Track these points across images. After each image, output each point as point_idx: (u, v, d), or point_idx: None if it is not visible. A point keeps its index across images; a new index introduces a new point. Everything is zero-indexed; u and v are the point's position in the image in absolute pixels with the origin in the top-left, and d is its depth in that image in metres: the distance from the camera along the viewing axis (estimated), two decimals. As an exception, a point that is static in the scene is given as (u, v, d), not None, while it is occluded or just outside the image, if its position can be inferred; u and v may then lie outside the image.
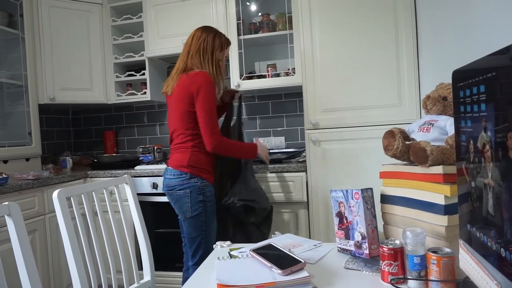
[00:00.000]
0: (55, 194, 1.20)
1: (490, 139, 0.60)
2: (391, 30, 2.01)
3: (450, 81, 0.79)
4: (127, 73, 2.82)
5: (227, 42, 1.81)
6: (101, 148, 3.14)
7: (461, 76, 0.72)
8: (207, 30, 1.76)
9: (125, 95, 2.80)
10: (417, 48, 1.99)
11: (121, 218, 1.47)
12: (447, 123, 1.01)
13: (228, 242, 1.25)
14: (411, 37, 1.98)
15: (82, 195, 1.36)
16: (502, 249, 0.58)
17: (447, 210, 0.88)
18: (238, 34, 2.47)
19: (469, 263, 0.72)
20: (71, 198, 1.29)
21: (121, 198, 1.49)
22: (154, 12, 2.62)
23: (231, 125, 1.98)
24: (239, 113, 2.01)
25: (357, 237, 1.03)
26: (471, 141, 0.67)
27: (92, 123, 3.22)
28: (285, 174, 2.10)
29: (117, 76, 2.79)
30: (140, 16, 2.68)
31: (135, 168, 2.45)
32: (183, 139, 1.71)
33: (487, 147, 0.61)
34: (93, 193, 1.40)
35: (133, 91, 2.80)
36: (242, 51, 2.47)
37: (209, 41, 1.73)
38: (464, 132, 0.71)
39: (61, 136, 3.16)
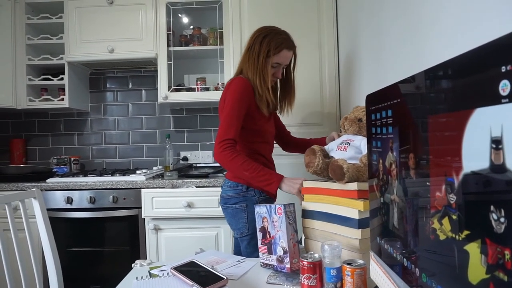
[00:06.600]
0: None
1: (395, 159, 0.66)
2: (315, 56, 2.17)
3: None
4: (43, 76, 2.58)
5: (278, 48, 1.49)
6: (7, 158, 2.80)
7: (373, 100, 0.79)
8: (260, 30, 1.54)
9: (39, 101, 2.55)
10: (338, 73, 2.15)
11: (26, 237, 1.31)
12: (362, 143, 1.10)
13: (149, 261, 1.19)
14: (333, 64, 2.15)
15: (-22, 212, 1.19)
16: (405, 260, 0.63)
17: (361, 224, 0.95)
18: (168, 45, 2.42)
19: (378, 273, 0.78)
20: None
21: (27, 215, 1.34)
22: (77, 14, 2.45)
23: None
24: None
25: (279, 251, 1.05)
26: (381, 160, 0.74)
27: (-3, 129, 2.87)
28: (212, 189, 2.07)
29: (30, 79, 2.53)
30: (61, 17, 2.49)
31: (47, 181, 2.22)
32: None
33: (393, 166, 0.67)
34: (-8, 209, 1.24)
35: (49, 97, 2.56)
36: (172, 62, 2.43)
37: (256, 44, 1.50)
38: (375, 152, 0.78)
39: (-45, 143, 2.76)
